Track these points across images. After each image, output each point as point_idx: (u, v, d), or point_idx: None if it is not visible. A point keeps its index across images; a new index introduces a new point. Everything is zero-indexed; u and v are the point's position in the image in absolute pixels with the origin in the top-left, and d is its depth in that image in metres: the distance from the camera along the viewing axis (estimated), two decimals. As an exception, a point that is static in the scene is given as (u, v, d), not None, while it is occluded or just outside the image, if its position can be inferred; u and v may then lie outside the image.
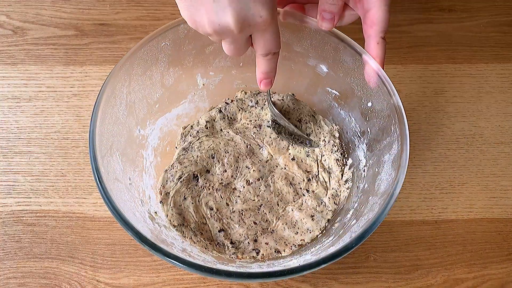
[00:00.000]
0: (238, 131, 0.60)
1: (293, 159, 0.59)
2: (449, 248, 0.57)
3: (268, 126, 0.60)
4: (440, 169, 0.61)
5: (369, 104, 0.53)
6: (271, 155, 0.59)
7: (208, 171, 0.58)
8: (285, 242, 0.54)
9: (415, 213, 0.59)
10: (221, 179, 0.57)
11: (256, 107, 0.61)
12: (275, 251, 0.53)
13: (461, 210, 0.59)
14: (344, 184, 0.57)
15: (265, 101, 0.61)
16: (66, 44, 0.68)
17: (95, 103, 0.47)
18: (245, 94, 0.62)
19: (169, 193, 0.56)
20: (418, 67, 0.68)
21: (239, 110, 0.61)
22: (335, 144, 0.59)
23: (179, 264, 0.41)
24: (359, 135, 0.57)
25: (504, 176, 0.61)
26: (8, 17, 0.69)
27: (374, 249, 0.56)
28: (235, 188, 0.57)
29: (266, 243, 0.54)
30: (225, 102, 0.62)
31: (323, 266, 0.41)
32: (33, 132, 0.62)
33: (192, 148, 0.59)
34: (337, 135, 0.59)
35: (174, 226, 0.53)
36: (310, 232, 0.54)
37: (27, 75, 0.65)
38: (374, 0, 0.47)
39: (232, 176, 0.58)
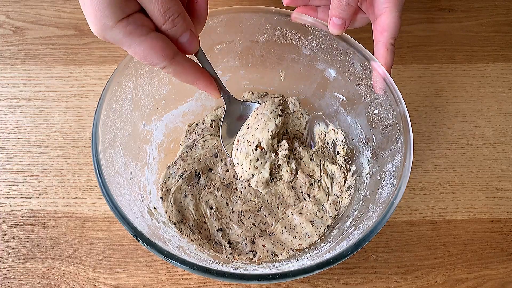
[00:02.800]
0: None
1: None
2: (449, 248, 0.56)
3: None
4: (441, 169, 0.61)
5: (376, 111, 0.53)
6: (275, 157, 0.59)
7: (210, 170, 0.58)
8: (282, 246, 0.54)
9: (416, 213, 0.58)
10: (223, 179, 0.57)
11: None
12: (272, 254, 0.53)
13: (461, 210, 0.59)
14: (346, 190, 0.57)
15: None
16: (65, 44, 0.68)
17: (100, 95, 0.47)
18: (252, 94, 0.62)
19: (170, 189, 0.56)
20: (418, 67, 0.68)
21: None
22: (340, 151, 0.59)
23: (173, 261, 0.41)
24: (364, 142, 0.56)
25: (505, 176, 0.61)
26: (8, 17, 0.69)
27: (374, 249, 0.56)
28: (236, 189, 0.57)
29: (264, 246, 0.53)
30: None
31: (317, 272, 0.42)
32: (33, 132, 0.62)
33: (196, 146, 0.59)
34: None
35: (173, 222, 0.53)
36: (309, 237, 0.54)
37: (27, 75, 0.65)
38: (385, 6, 0.47)
39: (234, 176, 0.57)
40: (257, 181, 0.53)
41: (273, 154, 0.54)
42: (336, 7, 0.48)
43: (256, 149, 0.51)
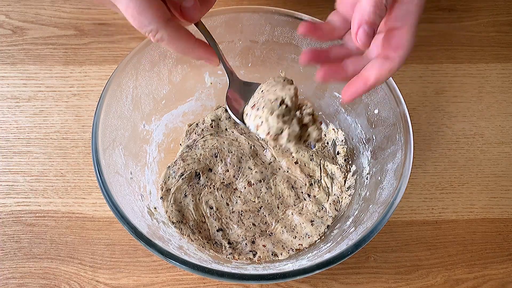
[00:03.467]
0: (243, 131, 0.60)
1: (296, 162, 0.59)
2: (449, 248, 0.56)
3: None
4: (441, 169, 0.61)
5: (376, 111, 0.53)
6: (274, 157, 0.59)
7: (210, 170, 0.58)
8: (282, 246, 0.54)
9: (416, 213, 0.58)
10: (223, 179, 0.57)
11: None
12: (272, 254, 0.53)
13: (461, 210, 0.59)
14: (347, 190, 0.56)
15: None
16: (65, 44, 0.68)
17: (100, 96, 0.47)
18: None
19: (170, 189, 0.56)
20: (418, 67, 0.68)
21: None
22: (340, 151, 0.59)
23: (173, 261, 0.41)
24: (364, 142, 0.56)
25: (505, 176, 0.61)
26: (8, 17, 0.69)
27: (374, 249, 0.56)
28: (236, 189, 0.57)
29: (264, 246, 0.53)
30: None
31: (317, 272, 0.42)
32: (32, 132, 0.62)
33: (196, 146, 0.59)
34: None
35: (173, 222, 0.53)
36: (309, 237, 0.54)
37: (27, 75, 0.65)
38: (404, 20, 0.39)
39: (234, 176, 0.57)
40: (288, 134, 0.45)
41: (297, 112, 0.47)
42: (373, 11, 0.38)
43: (280, 105, 0.46)
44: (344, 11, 0.43)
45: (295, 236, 0.54)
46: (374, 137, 0.55)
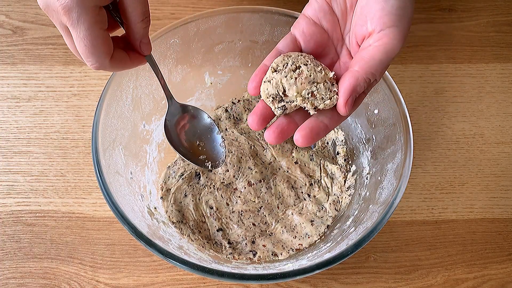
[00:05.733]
0: (243, 131, 0.60)
1: (296, 162, 0.59)
2: (449, 248, 0.56)
3: None
4: (441, 169, 0.61)
5: (376, 111, 0.53)
6: (275, 158, 0.59)
7: (210, 170, 0.58)
8: (282, 246, 0.54)
9: (416, 213, 0.58)
10: (223, 179, 0.57)
11: None
12: (272, 254, 0.53)
13: (461, 210, 0.59)
14: (346, 190, 0.56)
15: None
16: (65, 44, 0.67)
17: (100, 96, 0.47)
18: None
19: (170, 189, 0.56)
20: (418, 67, 0.68)
21: (245, 110, 0.61)
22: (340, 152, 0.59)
23: (173, 261, 0.41)
24: (364, 142, 0.56)
25: (505, 176, 0.61)
26: (8, 17, 0.69)
27: (374, 249, 0.56)
28: (236, 188, 0.57)
29: (264, 246, 0.53)
30: (232, 102, 0.62)
31: (317, 272, 0.42)
32: (33, 132, 0.62)
33: (196, 146, 0.59)
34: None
35: (173, 222, 0.53)
36: (309, 237, 0.54)
37: (27, 75, 0.65)
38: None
39: (234, 176, 0.57)
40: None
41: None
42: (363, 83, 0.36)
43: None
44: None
45: (295, 236, 0.54)
46: (374, 137, 0.55)
